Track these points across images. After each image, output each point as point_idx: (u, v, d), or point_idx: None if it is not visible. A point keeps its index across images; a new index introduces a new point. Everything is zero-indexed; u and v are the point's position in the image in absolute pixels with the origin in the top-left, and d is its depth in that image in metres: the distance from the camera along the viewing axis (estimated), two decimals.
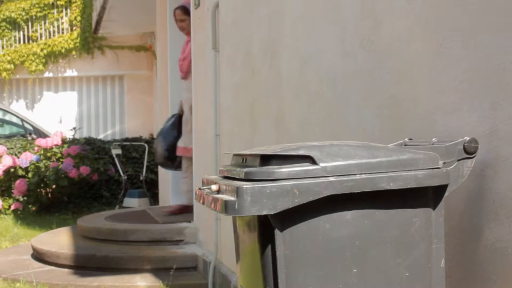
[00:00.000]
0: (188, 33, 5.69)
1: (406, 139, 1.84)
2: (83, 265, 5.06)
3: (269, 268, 1.46)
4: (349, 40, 2.44)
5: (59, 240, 5.82)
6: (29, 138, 10.60)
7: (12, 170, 9.01)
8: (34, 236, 6.37)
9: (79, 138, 10.26)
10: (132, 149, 10.31)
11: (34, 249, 5.66)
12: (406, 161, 1.49)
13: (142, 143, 10.28)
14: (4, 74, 15.21)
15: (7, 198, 9.13)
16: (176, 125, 6.13)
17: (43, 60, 15.36)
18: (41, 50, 15.41)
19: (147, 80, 13.61)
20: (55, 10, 15.87)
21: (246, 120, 3.90)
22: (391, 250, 1.49)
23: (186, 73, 5.78)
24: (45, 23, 15.88)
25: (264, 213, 1.39)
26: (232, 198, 1.40)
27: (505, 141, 1.57)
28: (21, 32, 15.84)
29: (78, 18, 15.65)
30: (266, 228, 1.45)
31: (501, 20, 1.58)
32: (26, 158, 8.95)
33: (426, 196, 1.52)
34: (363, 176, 1.45)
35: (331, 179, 1.43)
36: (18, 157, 9.13)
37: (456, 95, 1.76)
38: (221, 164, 4.45)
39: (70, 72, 15.40)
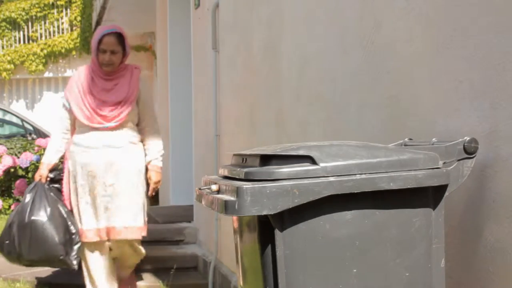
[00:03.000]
0: (115, 71, 3.91)
1: (406, 139, 1.84)
2: None
3: (269, 268, 1.46)
4: (349, 40, 2.44)
5: None
6: (29, 138, 10.60)
7: (12, 170, 9.01)
8: None
9: None
10: None
11: None
12: (406, 161, 1.49)
13: None
14: (4, 74, 15.21)
15: (7, 198, 9.14)
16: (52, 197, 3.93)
17: (43, 60, 15.37)
18: (41, 50, 15.41)
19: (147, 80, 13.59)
20: (55, 10, 15.88)
21: (246, 120, 3.90)
22: (391, 250, 1.49)
23: (123, 120, 3.88)
24: (45, 23, 15.89)
25: (264, 213, 1.39)
26: (232, 198, 1.40)
27: (505, 141, 1.57)
28: (21, 32, 15.85)
29: (78, 18, 15.65)
30: (266, 228, 1.45)
31: (501, 20, 1.58)
32: (26, 158, 8.95)
33: (426, 196, 1.52)
34: (363, 176, 1.45)
35: (331, 179, 1.43)
36: (18, 157, 9.13)
37: (456, 95, 1.76)
38: (221, 164, 4.45)
39: (70, 72, 15.39)
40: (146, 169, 4.00)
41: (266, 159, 1.49)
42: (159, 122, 4.15)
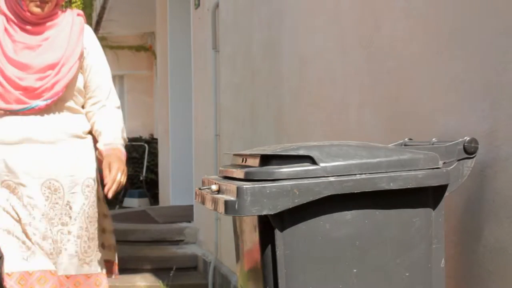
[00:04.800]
0: (45, 18, 2.38)
1: (406, 139, 1.84)
2: None
3: (269, 268, 1.46)
4: (349, 40, 2.44)
5: None
6: None
7: None
8: None
9: None
10: (132, 149, 10.31)
11: None
12: (406, 161, 1.49)
13: (142, 143, 10.28)
14: None
15: None
16: None
17: None
18: None
19: (147, 80, 13.61)
20: None
21: (246, 120, 3.90)
22: (391, 250, 1.49)
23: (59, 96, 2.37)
24: None
25: (264, 213, 1.39)
26: (232, 198, 1.40)
27: (505, 141, 1.57)
28: None
29: None
30: (266, 228, 1.45)
31: (501, 20, 1.58)
32: None
33: (426, 196, 1.52)
34: (363, 176, 1.45)
35: (331, 179, 1.43)
36: None
37: (456, 95, 1.76)
38: (221, 164, 4.45)
39: None
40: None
41: (266, 159, 1.49)
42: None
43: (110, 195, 2.32)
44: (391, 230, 1.49)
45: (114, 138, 2.44)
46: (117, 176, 2.31)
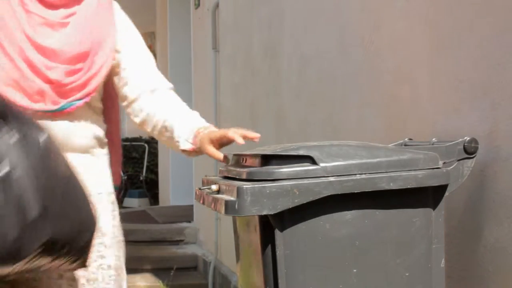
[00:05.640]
0: None
1: (406, 139, 1.84)
2: None
3: (269, 268, 1.46)
4: (349, 40, 2.44)
5: None
6: None
7: None
8: None
9: None
10: (132, 149, 10.31)
11: None
12: (406, 161, 1.49)
13: (142, 143, 10.28)
14: None
15: None
16: None
17: None
18: None
19: None
20: None
21: (246, 120, 3.90)
22: (391, 250, 1.49)
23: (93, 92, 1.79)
24: None
25: (264, 213, 1.39)
26: (232, 198, 1.40)
27: (505, 141, 1.57)
28: None
29: None
30: (266, 228, 1.45)
31: (501, 20, 1.58)
32: None
33: (426, 196, 1.52)
34: (363, 176, 1.44)
35: (331, 179, 1.43)
36: None
37: (456, 95, 1.76)
38: (221, 164, 4.45)
39: None
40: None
41: (266, 159, 1.49)
42: None
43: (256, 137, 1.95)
44: (391, 230, 1.49)
45: (202, 122, 2.01)
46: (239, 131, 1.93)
